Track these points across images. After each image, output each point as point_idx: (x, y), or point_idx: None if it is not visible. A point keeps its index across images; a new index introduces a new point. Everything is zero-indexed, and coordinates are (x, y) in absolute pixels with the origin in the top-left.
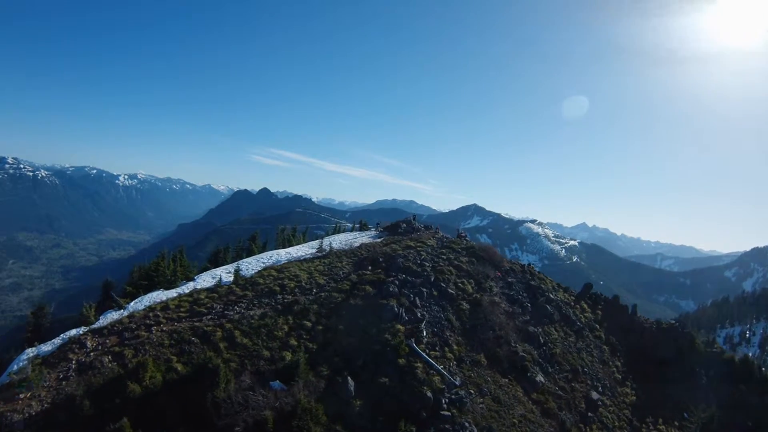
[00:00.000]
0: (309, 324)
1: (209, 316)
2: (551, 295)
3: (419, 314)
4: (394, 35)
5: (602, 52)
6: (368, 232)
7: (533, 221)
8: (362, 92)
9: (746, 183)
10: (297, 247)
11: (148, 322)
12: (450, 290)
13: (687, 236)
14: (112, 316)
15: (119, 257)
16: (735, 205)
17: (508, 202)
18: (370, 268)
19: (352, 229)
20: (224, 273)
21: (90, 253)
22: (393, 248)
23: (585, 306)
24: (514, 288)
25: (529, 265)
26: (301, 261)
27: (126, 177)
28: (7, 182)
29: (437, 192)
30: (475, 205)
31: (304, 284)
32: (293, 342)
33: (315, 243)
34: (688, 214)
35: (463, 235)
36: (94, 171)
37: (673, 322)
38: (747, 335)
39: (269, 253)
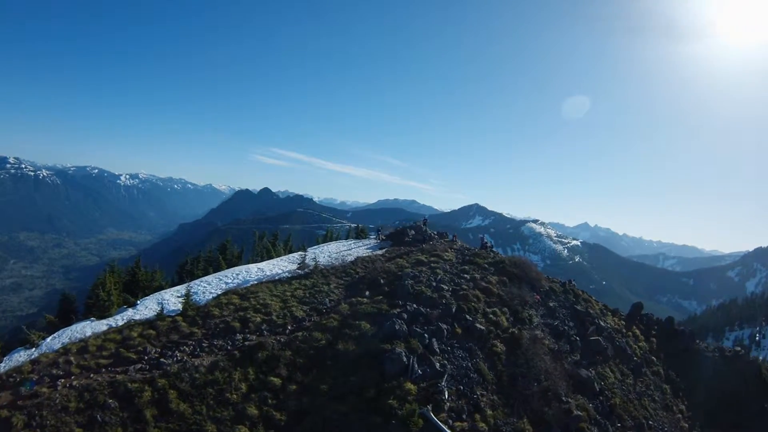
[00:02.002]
0: (278, 381)
1: (139, 365)
2: (601, 322)
3: (438, 365)
4: (397, 35)
5: (604, 51)
6: (366, 241)
7: (535, 221)
8: (364, 92)
9: (747, 183)
10: (275, 261)
11: (55, 371)
12: (479, 325)
13: (688, 236)
14: (19, 357)
15: (120, 257)
16: (736, 204)
17: (510, 202)
18: (367, 293)
19: (347, 236)
20: (174, 297)
21: (91, 252)
22: (399, 264)
23: (638, 332)
24: (557, 315)
25: (570, 282)
26: (275, 282)
27: (127, 177)
28: (9, 182)
29: (439, 191)
30: (477, 204)
31: (274, 318)
32: (252, 410)
33: (297, 256)
34: (689, 213)
35: (488, 245)
36: (96, 171)
37: (739, 349)
38: (757, 338)
39: (237, 269)
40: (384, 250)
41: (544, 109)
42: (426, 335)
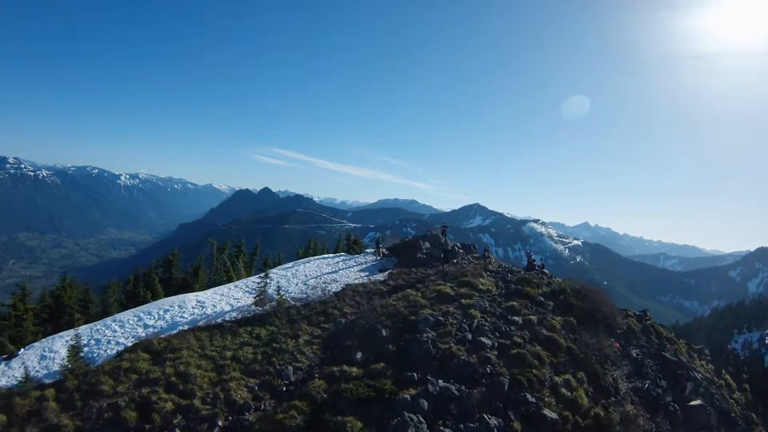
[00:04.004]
0: None
1: None
2: (695, 374)
3: None
4: (397, 34)
5: (605, 50)
6: (361, 258)
7: (536, 221)
8: (365, 91)
9: (748, 182)
10: (226, 289)
11: None
12: (548, 411)
13: (689, 235)
14: None
15: (120, 257)
16: (736, 204)
17: (510, 202)
18: (359, 355)
19: (337, 247)
20: (64, 343)
21: (91, 253)
22: (410, 300)
23: (728, 379)
24: (645, 370)
25: (645, 313)
26: (215, 328)
27: (127, 177)
28: (8, 182)
29: (439, 191)
30: (477, 204)
31: (197, 404)
32: None
33: (255, 281)
34: (690, 213)
35: (537, 264)
36: (96, 171)
37: None
38: (767, 341)
39: (170, 301)
40: (386, 273)
41: (544, 108)
42: None
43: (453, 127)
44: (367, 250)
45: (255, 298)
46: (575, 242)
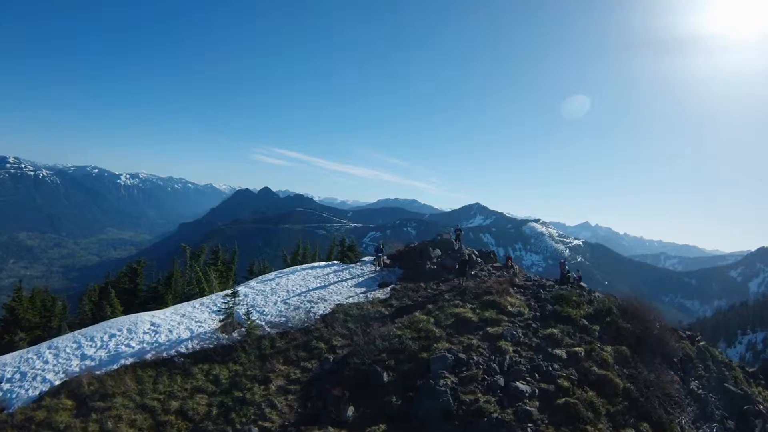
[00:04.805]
0: None
1: None
2: (759, 407)
3: None
4: (398, 34)
5: (606, 49)
6: (356, 269)
7: (537, 220)
8: (365, 91)
9: (747, 182)
10: (188, 306)
11: None
12: None
13: (689, 235)
14: None
15: (120, 257)
16: (736, 204)
17: (511, 201)
18: (350, 410)
19: (329, 254)
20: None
21: (91, 252)
22: (419, 327)
23: None
24: (710, 409)
25: (698, 338)
26: (164, 364)
27: (128, 176)
28: (9, 182)
29: (439, 191)
30: (477, 204)
31: None
32: None
33: (220, 300)
34: (690, 213)
35: (573, 276)
36: (96, 170)
37: None
38: None
39: (117, 322)
40: (388, 288)
41: (544, 108)
42: None
43: (453, 126)
44: (365, 259)
45: (221, 322)
46: (576, 242)
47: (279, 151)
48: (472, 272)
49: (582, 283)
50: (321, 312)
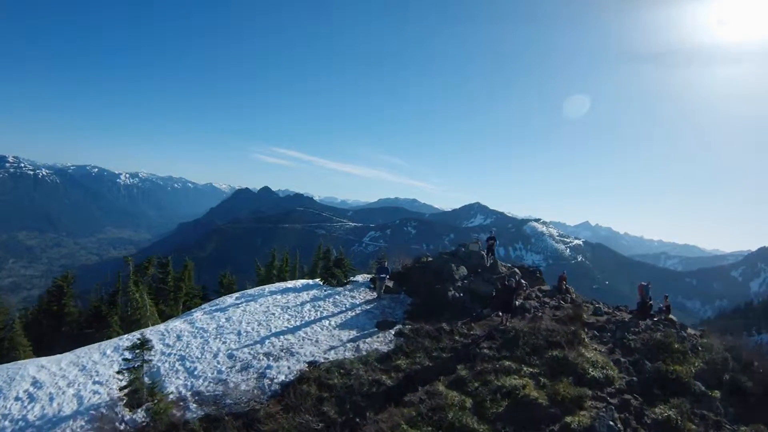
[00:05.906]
0: None
1: None
2: None
3: None
4: (398, 34)
5: (606, 49)
6: (343, 296)
7: (537, 220)
8: (365, 91)
9: (747, 182)
10: (95, 353)
11: None
12: None
13: (689, 235)
14: None
15: (120, 256)
16: (736, 204)
17: (511, 201)
18: None
19: (314, 266)
20: None
21: (90, 252)
22: (446, 420)
23: None
24: None
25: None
26: None
27: (127, 176)
28: (8, 181)
29: (440, 190)
30: (478, 203)
31: None
32: None
33: (128, 353)
34: (690, 212)
35: (660, 305)
36: (95, 170)
37: None
38: None
39: None
40: (392, 333)
41: (544, 108)
42: None
43: (454, 126)
44: (358, 279)
45: (126, 384)
46: (576, 242)
47: (279, 150)
48: (517, 298)
49: (672, 317)
50: (282, 378)
